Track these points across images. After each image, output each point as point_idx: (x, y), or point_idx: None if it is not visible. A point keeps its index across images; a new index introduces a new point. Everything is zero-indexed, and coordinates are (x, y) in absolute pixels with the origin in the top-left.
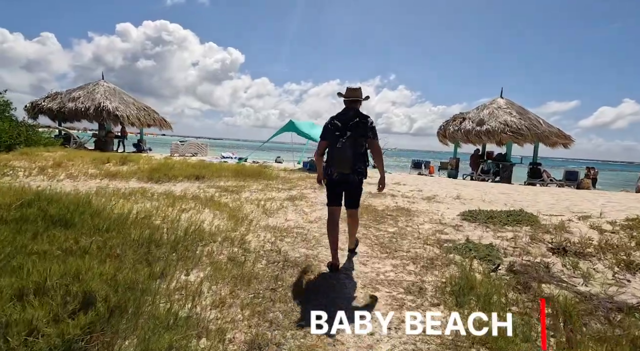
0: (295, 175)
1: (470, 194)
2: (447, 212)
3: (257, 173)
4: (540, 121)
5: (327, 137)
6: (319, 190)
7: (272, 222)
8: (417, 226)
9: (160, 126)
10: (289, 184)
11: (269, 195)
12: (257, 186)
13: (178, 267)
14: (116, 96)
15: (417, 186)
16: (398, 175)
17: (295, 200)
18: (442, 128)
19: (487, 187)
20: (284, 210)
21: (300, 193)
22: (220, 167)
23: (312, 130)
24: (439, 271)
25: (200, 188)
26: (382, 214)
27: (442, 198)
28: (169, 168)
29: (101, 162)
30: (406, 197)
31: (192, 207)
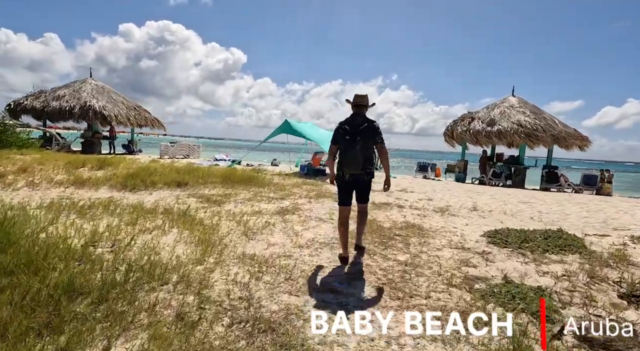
0: (290, 180)
1: (488, 204)
2: (468, 231)
3: (247, 179)
4: (555, 121)
5: (338, 141)
6: (315, 201)
7: (252, 248)
8: (435, 252)
9: (152, 126)
10: (282, 192)
11: (256, 207)
12: (245, 195)
13: (96, 336)
14: (104, 95)
15: (425, 194)
16: (403, 180)
17: (286, 213)
18: (449, 129)
19: (503, 194)
20: (270, 228)
21: (294, 204)
22: (208, 171)
23: (312, 132)
24: (478, 340)
25: (178, 199)
26: (389, 234)
27: (457, 209)
28: (150, 173)
29: (75, 166)
30: (415, 209)
31: (158, 225)
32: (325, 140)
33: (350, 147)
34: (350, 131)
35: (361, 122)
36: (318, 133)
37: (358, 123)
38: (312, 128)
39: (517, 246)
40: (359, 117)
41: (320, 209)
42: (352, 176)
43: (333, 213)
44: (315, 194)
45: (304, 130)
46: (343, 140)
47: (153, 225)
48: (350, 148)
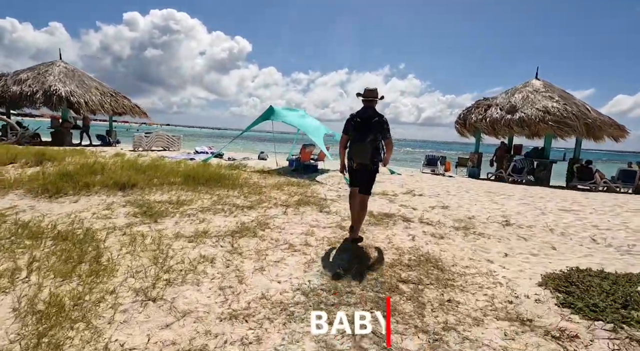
0: (271, 179)
1: (521, 213)
2: (513, 271)
3: (217, 178)
4: (587, 107)
5: (349, 132)
6: (294, 211)
7: (128, 339)
8: (471, 331)
9: (133, 114)
10: (254, 197)
11: (207, 223)
12: (204, 201)
13: None
14: (74, 79)
15: (438, 197)
16: (409, 177)
17: (243, 235)
18: (461, 117)
19: (533, 197)
20: (201, 271)
21: (262, 216)
22: (171, 168)
23: (301, 120)
24: None
25: (107, 209)
26: (391, 273)
27: (484, 224)
28: (93, 171)
29: (1, 162)
30: (428, 223)
31: (8, 269)
32: (314, 130)
33: (361, 138)
34: (361, 123)
35: (372, 115)
36: (307, 122)
37: (369, 116)
38: (303, 116)
39: (618, 318)
40: (370, 110)
41: (297, 226)
42: (359, 165)
43: (313, 233)
44: (297, 200)
45: (291, 117)
46: (354, 131)
47: (2, 268)
48: (360, 139)
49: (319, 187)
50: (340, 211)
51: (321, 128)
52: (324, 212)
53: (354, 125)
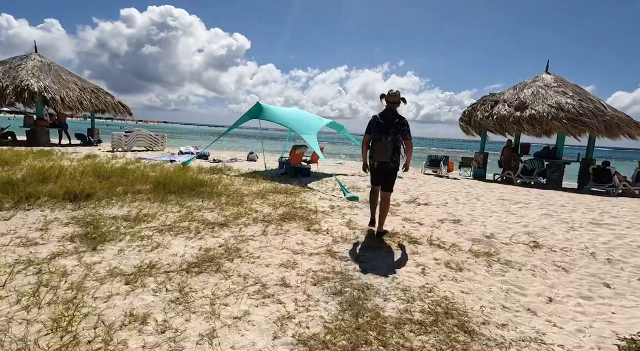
0: (256, 186)
1: (547, 228)
2: (571, 335)
3: (192, 185)
4: (603, 104)
5: (371, 132)
6: (277, 228)
7: None
8: None
9: (115, 112)
10: (232, 210)
11: (161, 250)
12: (169, 215)
13: None
14: (49, 73)
15: (446, 206)
16: (412, 181)
17: (201, 270)
18: (466, 114)
19: (554, 205)
20: (116, 350)
21: (236, 237)
22: (142, 173)
23: (291, 118)
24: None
25: (44, 229)
26: (398, 340)
27: (508, 246)
28: (45, 178)
29: None
30: (438, 246)
31: None
32: (307, 128)
33: (382, 138)
34: (383, 124)
35: (393, 117)
36: (300, 118)
37: (390, 118)
38: (294, 113)
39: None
40: (391, 112)
41: (276, 253)
42: (379, 163)
43: (295, 264)
44: (282, 214)
45: (280, 115)
46: (376, 131)
47: None
48: (381, 139)
49: (310, 195)
50: (332, 229)
51: (317, 123)
52: (313, 230)
53: (376, 126)
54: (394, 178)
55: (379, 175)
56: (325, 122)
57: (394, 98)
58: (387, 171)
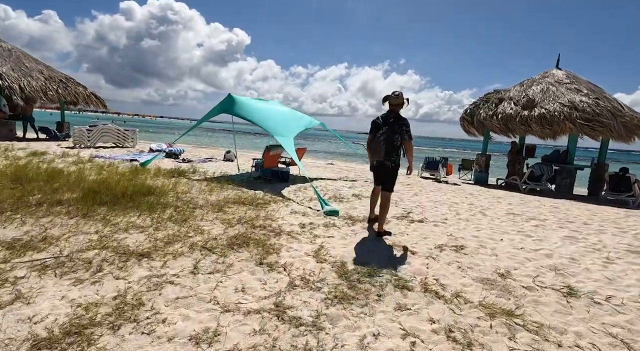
0: (219, 193)
1: (580, 262)
2: None
3: (133, 193)
4: (620, 104)
5: (372, 131)
6: (217, 262)
7: None
8: None
9: (87, 104)
10: (172, 228)
11: (19, 307)
12: (77, 239)
13: None
14: (9, 60)
15: (445, 224)
16: (405, 185)
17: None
18: (467, 113)
19: (574, 222)
20: None
21: (151, 279)
22: (77, 177)
23: (265, 116)
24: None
25: None
26: None
27: (534, 294)
28: None
29: None
30: (437, 295)
31: None
32: (283, 129)
33: (377, 137)
34: (380, 124)
35: (392, 117)
36: (274, 118)
37: (389, 118)
38: (271, 109)
39: None
40: (391, 114)
41: (199, 308)
42: (377, 162)
43: (217, 337)
44: (235, 236)
45: (252, 111)
46: (375, 130)
47: None
48: (376, 138)
49: (281, 207)
50: (293, 263)
51: (297, 123)
52: (266, 264)
53: (375, 126)
54: (394, 178)
55: (378, 175)
56: (308, 121)
57: (396, 100)
58: (386, 170)
